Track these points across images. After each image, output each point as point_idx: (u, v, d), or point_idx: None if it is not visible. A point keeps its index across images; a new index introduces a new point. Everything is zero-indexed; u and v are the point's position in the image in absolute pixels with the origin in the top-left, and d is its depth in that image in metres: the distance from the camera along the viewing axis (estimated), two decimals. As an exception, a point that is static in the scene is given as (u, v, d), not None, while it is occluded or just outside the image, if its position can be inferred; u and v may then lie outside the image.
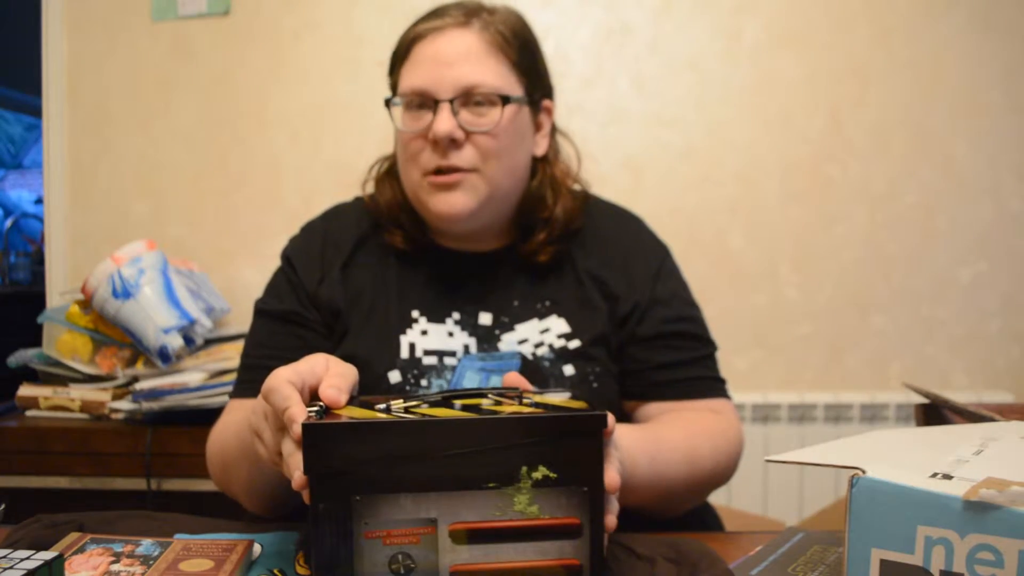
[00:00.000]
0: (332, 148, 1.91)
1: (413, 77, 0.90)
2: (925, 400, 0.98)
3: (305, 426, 0.54)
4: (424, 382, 0.91)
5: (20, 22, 2.89)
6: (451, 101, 0.88)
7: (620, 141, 1.87)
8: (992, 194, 1.85)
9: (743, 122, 1.86)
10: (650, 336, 0.95)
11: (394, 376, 0.91)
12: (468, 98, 0.88)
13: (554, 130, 1.02)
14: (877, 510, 0.45)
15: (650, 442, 0.81)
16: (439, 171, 0.89)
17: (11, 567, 0.51)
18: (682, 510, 0.91)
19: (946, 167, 1.85)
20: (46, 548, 0.63)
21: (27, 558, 0.53)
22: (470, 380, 0.90)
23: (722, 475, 0.91)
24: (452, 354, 0.92)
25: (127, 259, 1.56)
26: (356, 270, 0.97)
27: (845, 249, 1.87)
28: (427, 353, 0.92)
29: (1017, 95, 1.83)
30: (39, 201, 4.63)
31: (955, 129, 1.84)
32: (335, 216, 1.03)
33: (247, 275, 1.91)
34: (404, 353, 0.92)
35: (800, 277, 1.87)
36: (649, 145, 1.87)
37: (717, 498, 1.06)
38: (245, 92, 1.94)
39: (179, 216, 1.97)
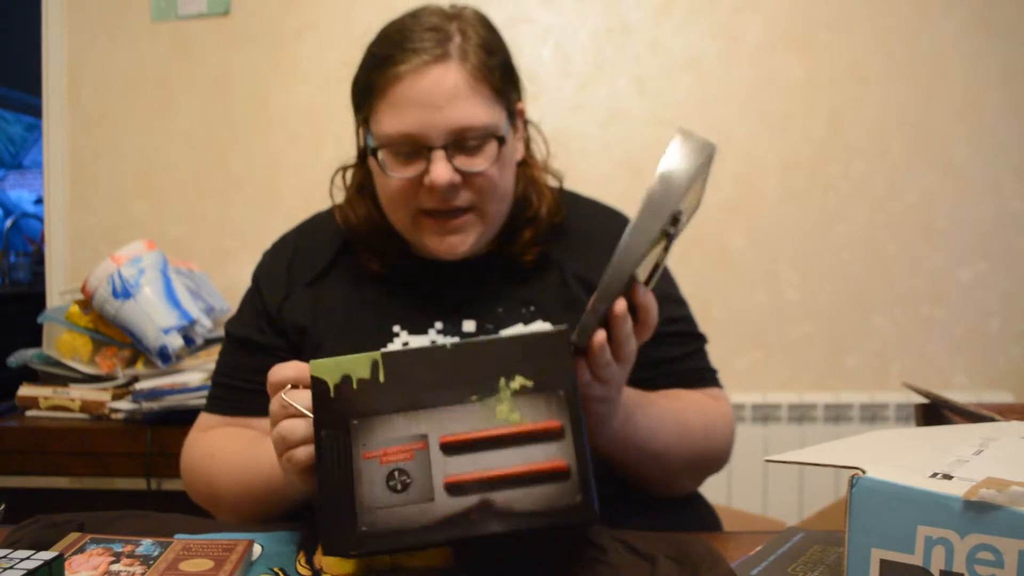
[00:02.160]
0: (332, 148, 1.89)
1: (399, 122, 0.85)
2: (925, 400, 0.98)
3: (313, 363, 0.60)
4: None
5: (20, 22, 2.90)
6: (445, 147, 0.84)
7: (620, 141, 1.87)
8: (992, 194, 1.85)
9: (743, 122, 1.86)
10: None
11: None
12: (461, 142, 0.85)
13: (526, 126, 0.99)
14: (877, 510, 0.45)
15: (641, 396, 0.83)
16: (436, 212, 0.88)
17: (11, 567, 0.51)
18: (677, 487, 0.91)
19: (946, 167, 1.85)
20: (46, 548, 0.63)
21: (27, 558, 0.53)
22: None
23: (715, 454, 0.91)
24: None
25: (127, 259, 1.56)
26: (327, 286, 0.96)
27: (845, 249, 1.86)
28: None
29: (1017, 95, 1.83)
30: (39, 201, 4.63)
31: (955, 129, 1.84)
32: (309, 230, 1.02)
33: (247, 275, 1.89)
34: None
35: (800, 277, 1.87)
36: (649, 145, 1.87)
37: (717, 498, 1.06)
38: (245, 92, 1.94)
39: (179, 216, 1.97)
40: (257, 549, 0.67)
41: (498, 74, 0.88)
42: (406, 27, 0.87)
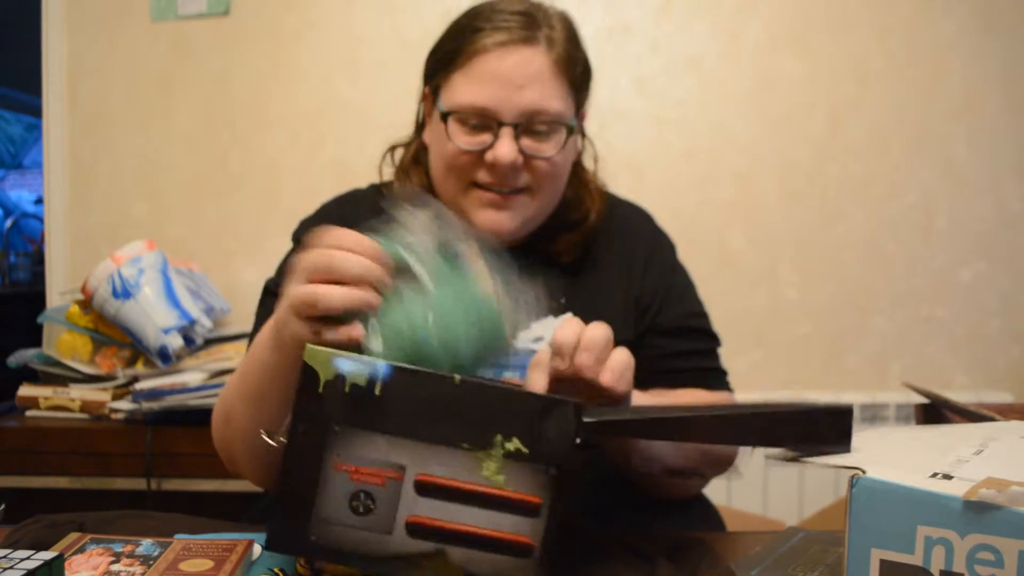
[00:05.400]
0: (332, 148, 1.91)
1: (476, 94, 0.86)
2: (925, 400, 0.98)
3: (308, 349, 0.56)
4: None
5: (20, 22, 2.90)
6: (515, 126, 0.86)
7: (621, 141, 1.87)
8: (992, 194, 1.85)
9: (743, 122, 1.86)
10: (670, 329, 0.96)
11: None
12: (530, 124, 0.87)
13: (583, 134, 1.02)
14: (877, 510, 0.45)
15: (654, 395, 0.83)
16: (491, 188, 0.89)
17: (11, 567, 0.51)
18: (683, 490, 0.91)
19: (946, 167, 1.85)
20: (46, 548, 0.63)
21: (27, 558, 0.53)
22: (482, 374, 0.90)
23: (723, 458, 0.90)
24: None
25: (127, 259, 1.56)
26: None
27: (845, 249, 1.86)
28: None
29: (1017, 95, 1.83)
30: (39, 201, 4.63)
31: (955, 129, 1.84)
32: (351, 201, 1.02)
33: (247, 275, 1.91)
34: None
35: (800, 277, 1.87)
36: (650, 145, 1.87)
37: (717, 498, 1.06)
38: (245, 92, 1.94)
39: (179, 216, 1.97)
40: (257, 549, 0.67)
41: (579, 70, 0.91)
42: (496, 6, 0.89)
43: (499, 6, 0.90)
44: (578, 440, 0.57)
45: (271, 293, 0.97)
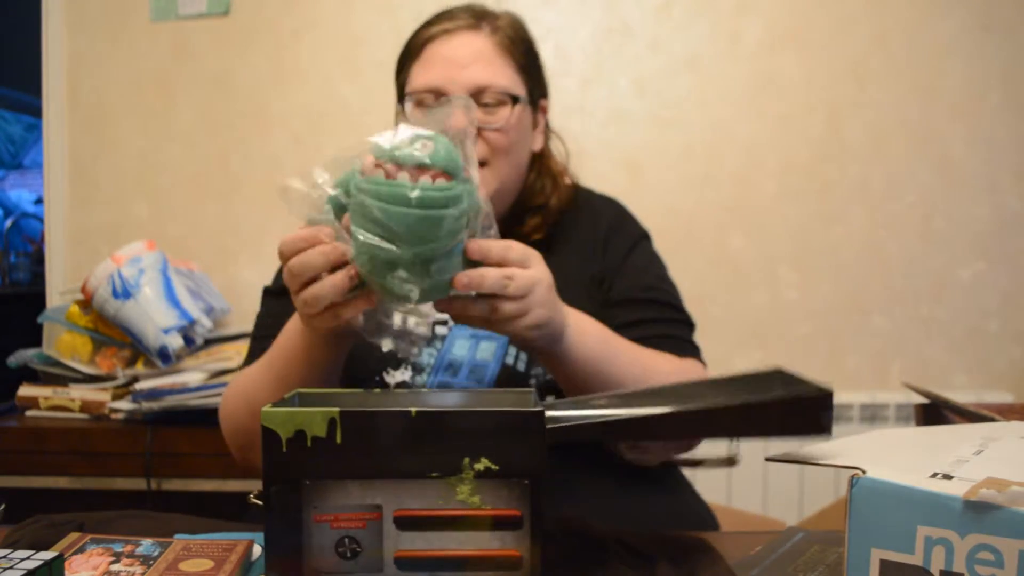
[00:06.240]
0: (332, 148, 1.91)
1: (427, 76, 0.94)
2: (925, 400, 0.98)
3: (264, 412, 0.57)
4: (415, 350, 0.92)
5: (20, 22, 2.89)
6: None
7: (620, 141, 1.87)
8: (991, 194, 1.85)
9: (743, 122, 1.86)
10: (620, 300, 0.98)
11: (387, 344, 0.92)
12: (478, 98, 0.93)
13: (548, 127, 1.07)
14: (877, 510, 0.45)
15: (606, 331, 0.85)
16: None
17: (11, 567, 0.51)
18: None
19: (945, 167, 1.85)
20: (46, 548, 0.63)
21: (27, 558, 0.53)
22: (460, 347, 0.94)
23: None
24: (444, 323, 0.96)
25: (127, 259, 1.56)
26: None
27: (844, 249, 1.86)
28: (418, 323, 0.94)
29: (1017, 95, 1.83)
30: (39, 201, 4.62)
31: (954, 129, 1.84)
32: None
33: (247, 275, 1.91)
34: (397, 323, 0.93)
35: (800, 277, 1.87)
36: (649, 145, 1.87)
37: (717, 498, 1.06)
38: (245, 92, 1.94)
39: (179, 216, 1.97)
40: (257, 549, 0.67)
41: (521, 52, 0.98)
42: (447, 8, 1.00)
43: (449, 8, 1.00)
44: (550, 446, 0.57)
45: (267, 292, 1.02)
